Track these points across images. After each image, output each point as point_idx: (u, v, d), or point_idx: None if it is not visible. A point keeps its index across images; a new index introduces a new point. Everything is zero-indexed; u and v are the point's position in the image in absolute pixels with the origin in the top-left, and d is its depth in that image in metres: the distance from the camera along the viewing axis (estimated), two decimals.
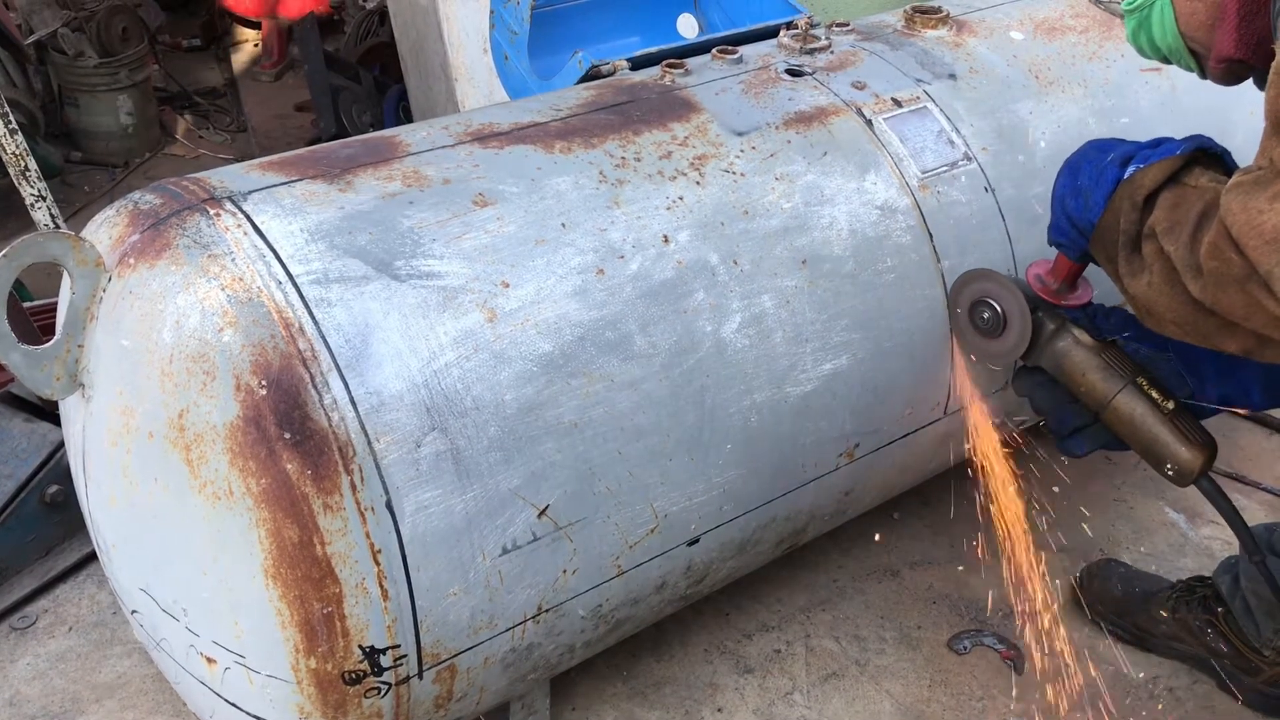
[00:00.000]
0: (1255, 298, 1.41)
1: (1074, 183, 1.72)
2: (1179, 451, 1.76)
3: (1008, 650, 2.42)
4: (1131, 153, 1.65)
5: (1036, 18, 2.46)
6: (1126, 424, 1.79)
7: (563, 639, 1.87)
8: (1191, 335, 1.57)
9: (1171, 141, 1.64)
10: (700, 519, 1.91)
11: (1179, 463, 1.76)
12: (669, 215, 1.88)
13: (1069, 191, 1.73)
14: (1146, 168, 1.61)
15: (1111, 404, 1.78)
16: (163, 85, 5.86)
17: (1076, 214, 1.71)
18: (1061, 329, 1.83)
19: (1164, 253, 1.54)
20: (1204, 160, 1.63)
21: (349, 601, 1.58)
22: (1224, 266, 1.43)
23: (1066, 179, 1.74)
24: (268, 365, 1.55)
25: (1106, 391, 1.79)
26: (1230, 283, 1.44)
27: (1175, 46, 1.72)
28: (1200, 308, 1.51)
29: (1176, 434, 1.76)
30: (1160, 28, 1.70)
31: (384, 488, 1.57)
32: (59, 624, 2.47)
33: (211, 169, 1.89)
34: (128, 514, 1.71)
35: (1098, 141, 1.75)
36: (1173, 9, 1.67)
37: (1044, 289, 1.84)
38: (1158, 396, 1.77)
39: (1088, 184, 1.68)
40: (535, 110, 2.03)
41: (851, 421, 2.04)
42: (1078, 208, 1.70)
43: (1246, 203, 1.39)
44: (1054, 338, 1.83)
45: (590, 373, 1.74)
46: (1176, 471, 1.77)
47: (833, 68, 2.23)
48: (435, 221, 1.74)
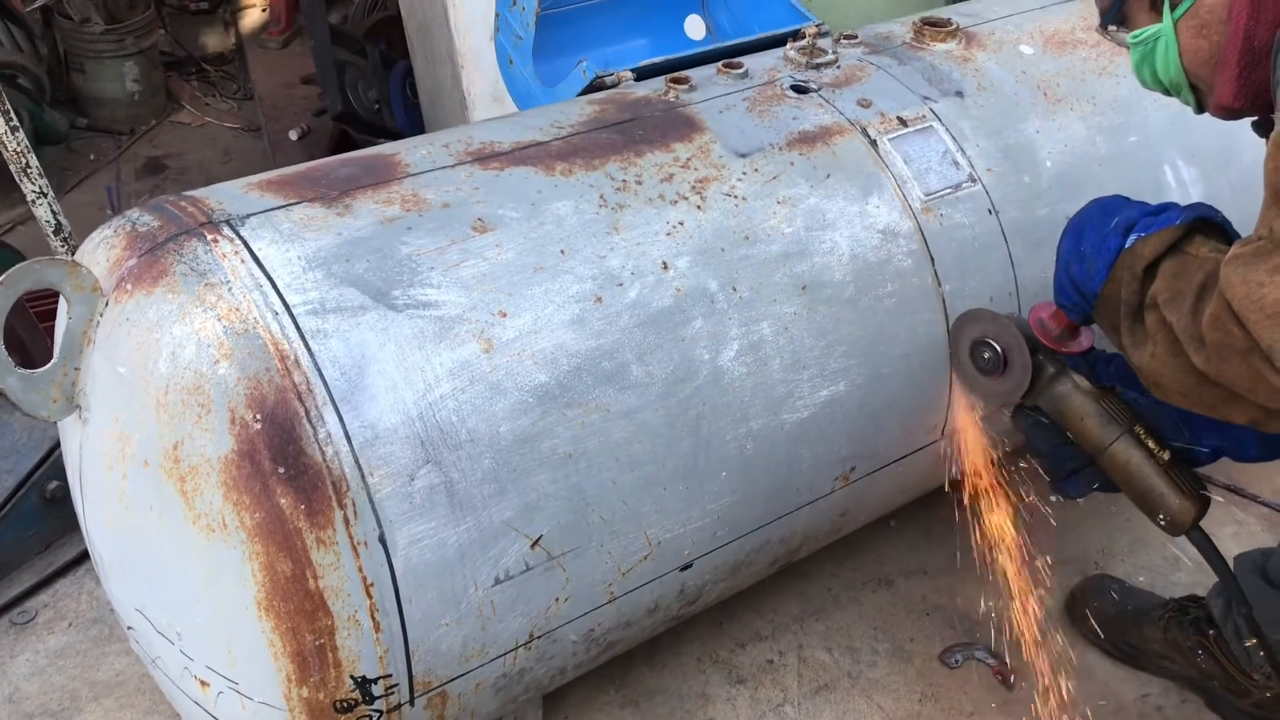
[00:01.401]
0: (1258, 371, 1.41)
1: (1078, 247, 1.71)
2: (1172, 503, 1.77)
3: (999, 665, 2.43)
4: (1134, 219, 1.64)
5: (1047, 30, 2.43)
6: (1121, 471, 1.79)
7: (554, 662, 1.88)
8: (1197, 406, 1.57)
9: (1173, 209, 1.63)
10: (694, 545, 1.92)
11: (1171, 514, 1.77)
12: (669, 241, 1.87)
13: (1073, 255, 1.72)
14: (1147, 238, 1.60)
15: (1108, 451, 1.79)
16: (169, 50, 5.82)
17: (1080, 280, 1.70)
18: (1061, 373, 1.83)
19: (1166, 323, 1.53)
20: (1204, 229, 1.61)
21: (341, 633, 1.59)
22: (1226, 339, 1.43)
23: (1071, 241, 1.73)
24: (263, 399, 1.55)
25: (1103, 438, 1.79)
26: (1233, 355, 1.43)
27: (1178, 81, 1.71)
28: (1205, 379, 1.50)
29: (1170, 485, 1.77)
30: (1164, 62, 1.69)
31: (377, 522, 1.58)
32: (58, 619, 2.50)
33: (210, 186, 1.88)
34: (123, 537, 1.72)
35: (1103, 201, 1.73)
36: (1177, 45, 1.66)
37: (1045, 334, 1.83)
38: (1154, 446, 1.78)
39: (1091, 251, 1.67)
40: (537, 128, 2.01)
41: (848, 446, 2.04)
42: (1081, 273, 1.70)
43: (1246, 275, 1.38)
44: (1053, 381, 1.83)
45: (586, 403, 1.74)
46: (1169, 522, 1.78)
47: (839, 84, 2.20)
48: (433, 248, 1.74)
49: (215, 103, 5.58)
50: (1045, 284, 2.16)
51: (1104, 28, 1.76)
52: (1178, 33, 1.65)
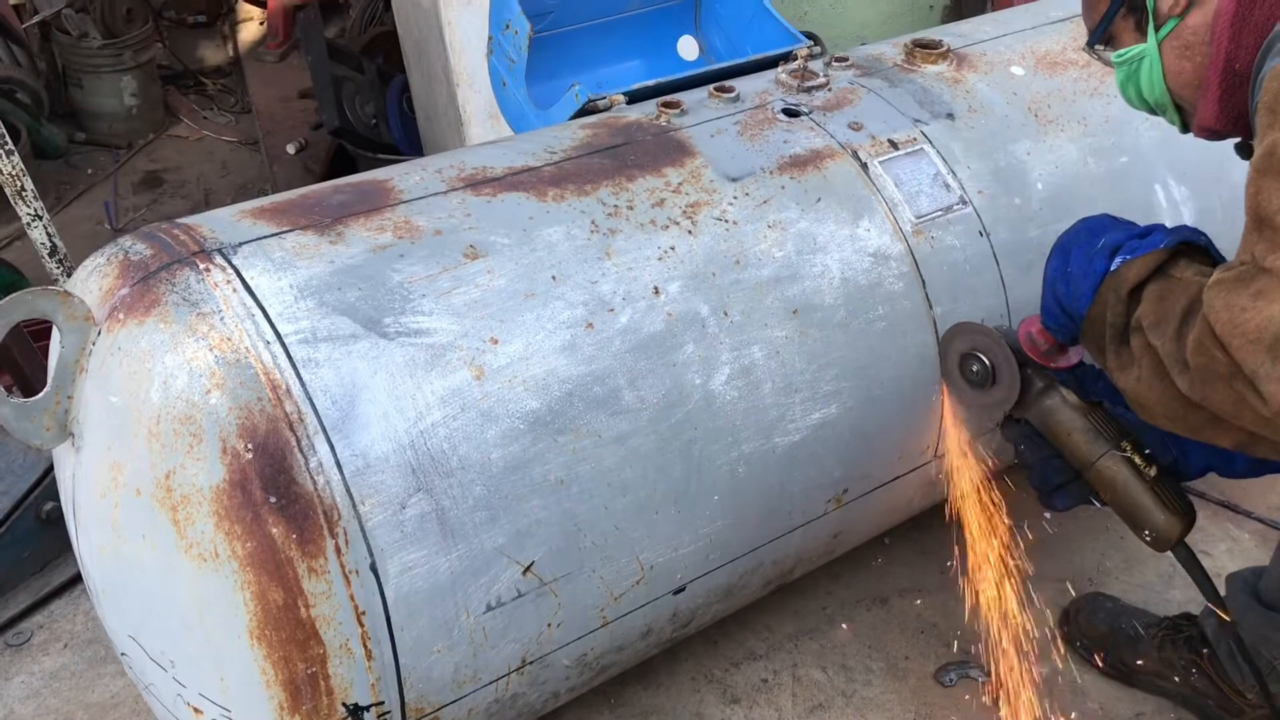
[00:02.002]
0: (1242, 396, 1.41)
1: (1064, 268, 1.71)
2: (1158, 519, 1.78)
3: (993, 683, 2.43)
4: (1120, 242, 1.65)
5: (1038, 51, 2.44)
6: (1108, 487, 1.80)
7: (547, 687, 1.89)
8: (1183, 429, 1.57)
9: (1159, 232, 1.64)
10: (686, 568, 1.92)
11: (1157, 530, 1.78)
12: (660, 266, 1.88)
13: (1059, 276, 1.72)
14: (1132, 261, 1.60)
15: (1095, 466, 1.80)
16: (167, 64, 5.84)
17: (1066, 301, 1.71)
18: (1050, 387, 1.84)
19: (1151, 347, 1.54)
20: (1189, 252, 1.62)
21: (333, 662, 1.59)
22: (1210, 363, 1.43)
23: (1058, 262, 1.73)
24: (254, 429, 1.55)
25: (1090, 454, 1.80)
26: (1217, 379, 1.43)
27: (1162, 101, 1.73)
28: (1189, 403, 1.50)
29: (1157, 501, 1.78)
30: (1149, 82, 1.71)
31: (369, 550, 1.59)
32: (53, 640, 2.50)
33: (203, 213, 1.88)
34: (115, 565, 1.73)
35: (1090, 222, 1.74)
36: (1161, 65, 1.68)
37: (1033, 349, 1.84)
38: (1140, 462, 1.79)
39: (1077, 272, 1.68)
40: (529, 153, 2.02)
41: (840, 468, 2.04)
42: (1067, 295, 1.70)
43: (1229, 300, 1.38)
44: (1042, 395, 1.84)
45: (577, 429, 1.75)
46: (1154, 538, 1.79)
47: (830, 107, 2.21)
48: (425, 276, 1.75)
49: (213, 116, 5.60)
50: (1036, 306, 2.17)
51: (1090, 47, 1.77)
52: (1162, 53, 1.67)
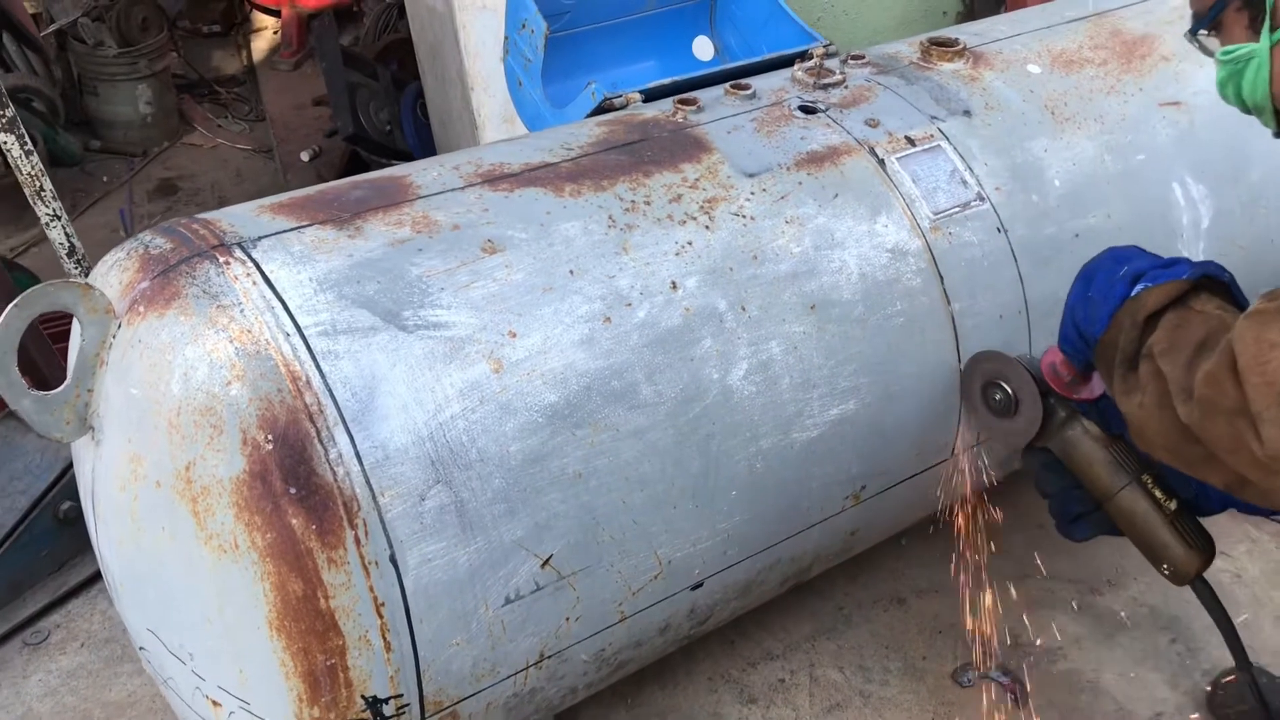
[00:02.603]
0: (1240, 434, 1.40)
1: (1085, 292, 1.70)
2: (1177, 554, 1.78)
3: (1011, 683, 2.42)
4: (1143, 270, 1.63)
5: (1054, 50, 2.44)
6: (1127, 519, 1.80)
7: (565, 682, 1.88)
8: (1178, 462, 1.57)
9: (1183, 263, 1.62)
10: (704, 564, 1.92)
11: (1175, 565, 1.78)
12: (678, 261, 1.88)
13: (1079, 300, 1.71)
14: (1152, 288, 1.59)
15: (1115, 498, 1.79)
16: (181, 73, 5.87)
17: (1083, 324, 1.70)
18: (1072, 418, 1.83)
19: (1159, 374, 1.53)
20: (1211, 286, 1.61)
21: (352, 653, 1.59)
22: (1217, 395, 1.42)
23: (1080, 287, 1.72)
24: (274, 420, 1.56)
25: (1111, 486, 1.79)
26: (1219, 413, 1.42)
27: (1263, 106, 1.66)
28: (1187, 434, 1.49)
29: (1176, 536, 1.77)
30: (1252, 85, 1.64)
31: (388, 542, 1.59)
32: (71, 639, 2.51)
33: (223, 209, 1.89)
34: (135, 557, 1.73)
35: (1116, 250, 1.72)
36: (1269, 70, 1.61)
37: (1056, 380, 1.83)
38: (1161, 496, 1.78)
39: (1097, 296, 1.66)
40: (546, 149, 2.03)
41: (858, 465, 2.04)
42: (1085, 318, 1.69)
43: (1261, 334, 1.37)
44: (1064, 426, 1.83)
45: (595, 423, 1.75)
46: (1172, 573, 1.79)
47: (846, 104, 2.21)
48: (443, 270, 1.75)
49: (227, 125, 5.63)
50: (1055, 302, 2.16)
51: (1193, 34, 1.71)
52: (1273, 57, 1.60)
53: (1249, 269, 2.42)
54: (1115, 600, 2.62)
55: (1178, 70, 2.46)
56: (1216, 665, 2.46)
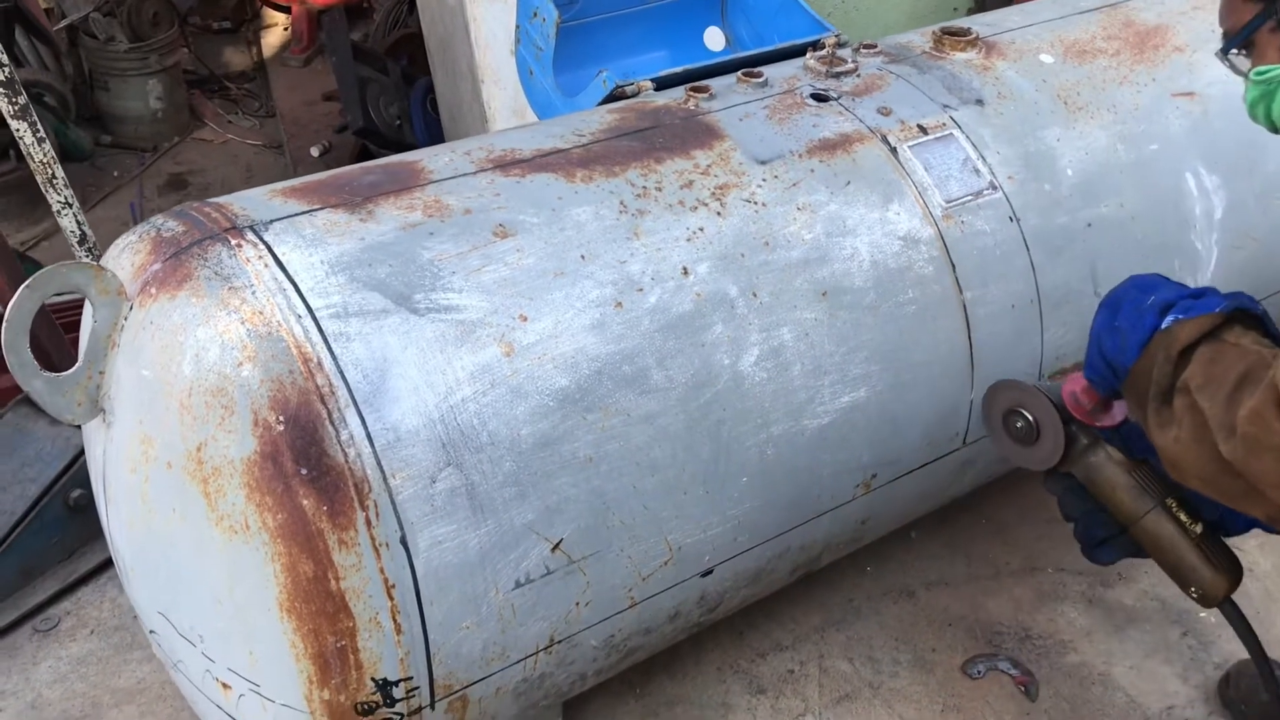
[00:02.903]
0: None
1: (1112, 321, 1.66)
2: (1204, 577, 1.75)
3: (1021, 675, 2.41)
4: (1172, 300, 1.60)
5: (1067, 40, 2.43)
6: (1153, 543, 1.78)
7: (575, 668, 1.88)
8: (1216, 494, 1.53)
9: (1213, 296, 1.59)
10: (714, 550, 1.91)
11: (1203, 587, 1.75)
12: (689, 247, 1.87)
13: (1106, 329, 1.68)
14: (1185, 321, 1.56)
15: (1140, 523, 1.77)
16: (192, 69, 5.88)
17: (1112, 354, 1.67)
18: (1095, 444, 1.81)
19: (1196, 408, 1.49)
20: (1243, 319, 1.57)
21: (362, 635, 1.59)
22: (1263, 434, 1.39)
23: (1106, 316, 1.69)
24: (285, 401, 1.55)
25: (1135, 511, 1.77)
26: (1265, 450, 1.39)
27: None
28: (1228, 469, 1.46)
29: (1202, 558, 1.75)
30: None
31: (399, 523, 1.58)
32: (80, 627, 2.51)
33: (234, 193, 1.89)
34: (146, 540, 1.73)
35: (1140, 279, 1.69)
36: None
37: (1078, 407, 1.81)
38: (1186, 519, 1.76)
39: (1125, 326, 1.63)
40: (558, 135, 2.02)
41: (869, 453, 2.03)
42: (1113, 348, 1.66)
43: None
44: (1087, 452, 1.81)
45: (606, 407, 1.75)
46: (1200, 596, 1.76)
47: (859, 92, 2.21)
48: (455, 253, 1.75)
49: (237, 120, 5.64)
50: (1067, 291, 2.17)
51: (1225, 54, 1.70)
52: None
53: (1263, 261, 2.42)
54: (1126, 593, 2.62)
55: (1191, 61, 2.45)
56: (1228, 659, 2.45)
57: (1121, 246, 2.24)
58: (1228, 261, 2.37)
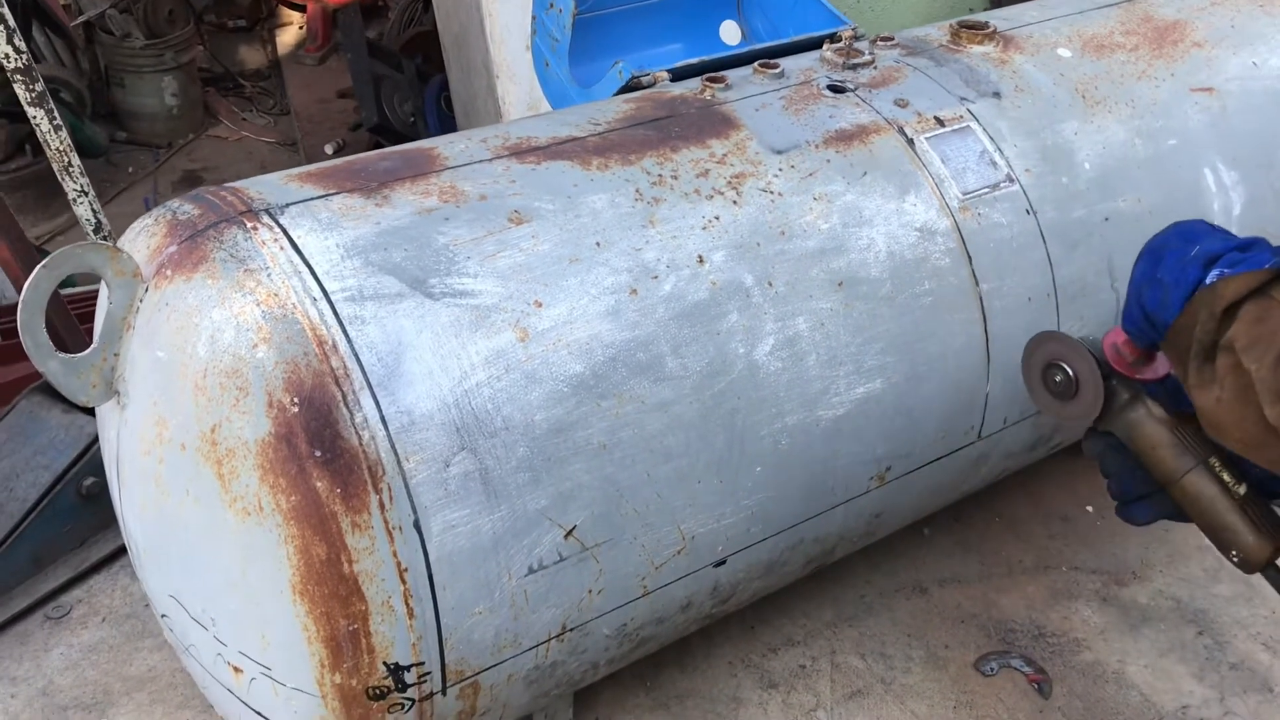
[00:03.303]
0: None
1: (1153, 273, 1.59)
2: (1247, 540, 1.66)
3: (1035, 673, 2.40)
4: (1217, 252, 1.52)
5: (1085, 34, 2.42)
6: (1194, 503, 1.69)
7: (586, 656, 1.87)
8: (1258, 458, 1.48)
9: (1262, 249, 1.51)
10: (728, 540, 1.90)
11: (1245, 552, 1.67)
12: (705, 235, 1.87)
13: (1146, 280, 1.60)
14: (1231, 277, 1.48)
15: (1180, 482, 1.69)
16: (207, 66, 5.91)
17: (1152, 308, 1.60)
18: (1136, 399, 1.74)
19: (1241, 369, 1.44)
20: None
21: (375, 619, 1.58)
22: None
23: (1146, 266, 1.61)
24: (300, 383, 1.55)
25: (1176, 469, 1.69)
26: None
27: None
28: (1274, 433, 1.41)
29: (1245, 521, 1.66)
30: None
31: (412, 507, 1.58)
32: (92, 614, 2.51)
33: (248, 179, 1.89)
34: (159, 522, 1.73)
35: (1183, 227, 1.62)
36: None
37: (1119, 360, 1.76)
38: (1229, 480, 1.67)
39: (1168, 279, 1.56)
40: (573, 124, 2.02)
41: (884, 445, 2.02)
42: (1153, 301, 1.59)
43: None
44: (1127, 407, 1.75)
45: (621, 394, 1.74)
46: (1241, 560, 1.67)
47: (875, 84, 2.20)
48: (470, 239, 1.74)
49: (252, 118, 5.66)
50: (1084, 285, 2.16)
51: None
52: None
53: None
54: (1140, 592, 2.60)
55: (1210, 56, 2.44)
56: (1244, 658, 2.44)
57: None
58: None
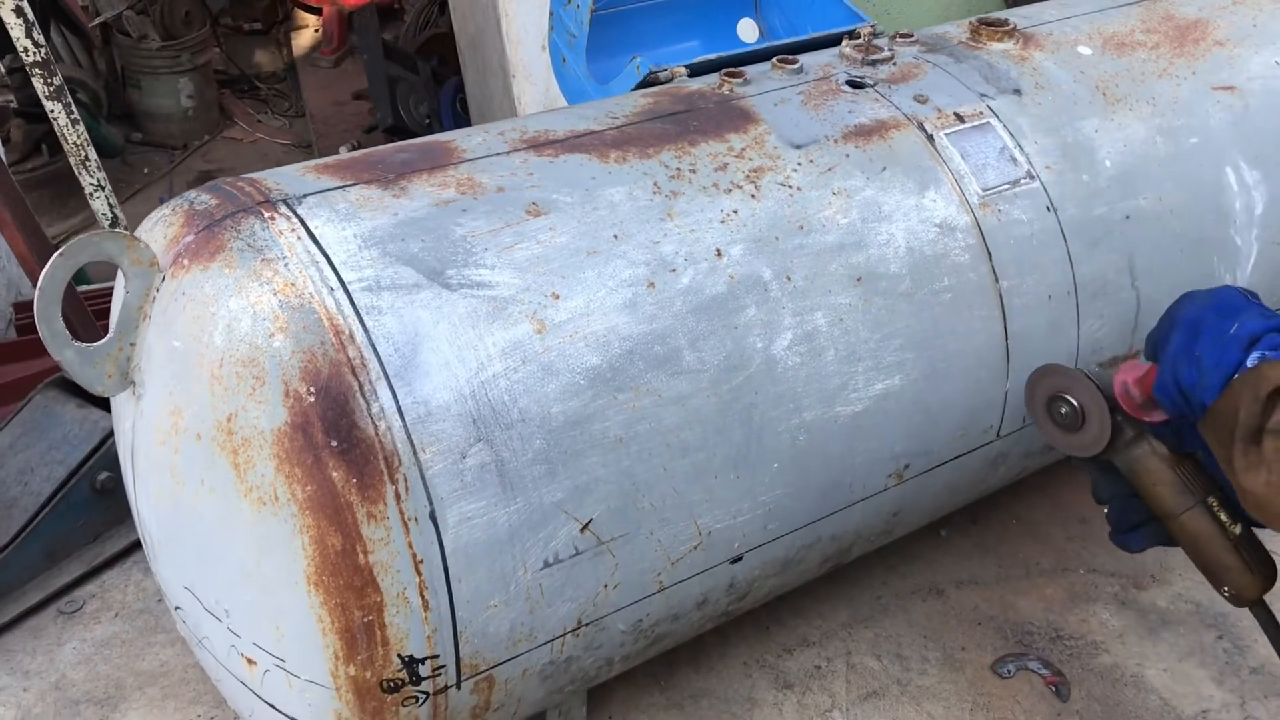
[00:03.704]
0: None
1: (1190, 349, 1.57)
2: (1239, 578, 1.72)
3: (1052, 675, 2.37)
4: (1258, 333, 1.51)
5: (1105, 32, 2.40)
6: (1190, 541, 1.74)
7: (601, 652, 1.86)
8: None
9: None
10: (744, 537, 1.89)
11: (1238, 589, 1.72)
12: (723, 229, 1.86)
13: (1184, 356, 1.58)
14: (1275, 362, 1.47)
15: (1180, 518, 1.73)
16: (223, 68, 5.92)
17: (1188, 385, 1.58)
18: (1140, 437, 1.75)
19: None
20: None
21: (390, 611, 1.57)
22: None
23: (1184, 339, 1.59)
24: (317, 372, 1.54)
25: (1176, 507, 1.73)
26: None
27: None
28: None
29: (1239, 559, 1.71)
30: None
31: (428, 498, 1.57)
32: (105, 609, 2.50)
33: (267, 169, 1.89)
34: (173, 513, 1.72)
35: (1223, 300, 1.59)
36: None
37: (1127, 400, 1.76)
38: (1226, 519, 1.71)
39: (1207, 359, 1.54)
40: (591, 118, 2.01)
41: (902, 442, 2.00)
42: (1190, 379, 1.57)
43: None
44: (1131, 444, 1.75)
45: (638, 387, 1.73)
46: (1233, 596, 1.73)
47: (895, 80, 2.19)
48: (488, 230, 1.73)
49: (267, 120, 5.67)
50: (1104, 283, 2.15)
51: None
52: None
53: None
54: (1159, 595, 2.58)
55: (1232, 55, 2.42)
56: (1264, 663, 2.41)
57: (1160, 240, 2.21)
58: (1268, 257, 2.33)
